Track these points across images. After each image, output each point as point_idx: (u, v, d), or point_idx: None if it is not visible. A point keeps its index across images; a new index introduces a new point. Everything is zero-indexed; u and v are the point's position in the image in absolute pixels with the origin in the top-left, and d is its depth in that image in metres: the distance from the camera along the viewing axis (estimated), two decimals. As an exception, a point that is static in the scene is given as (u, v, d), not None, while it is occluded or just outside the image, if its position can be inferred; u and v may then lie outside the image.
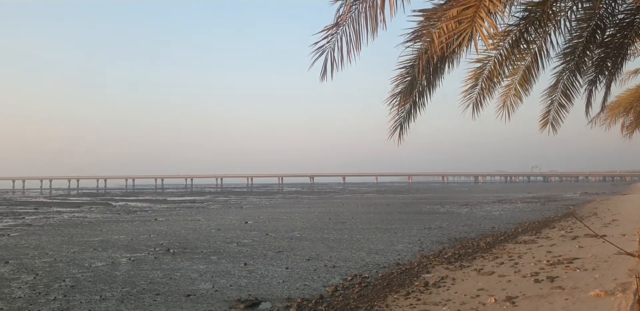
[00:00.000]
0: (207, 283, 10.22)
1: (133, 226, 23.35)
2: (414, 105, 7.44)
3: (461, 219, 24.74)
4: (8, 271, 11.67)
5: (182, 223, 24.44)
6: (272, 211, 32.60)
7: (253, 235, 18.76)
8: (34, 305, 8.47)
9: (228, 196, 62.67)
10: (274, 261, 12.83)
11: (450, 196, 58.84)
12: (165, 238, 18.07)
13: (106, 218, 28.36)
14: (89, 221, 26.57)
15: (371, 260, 12.74)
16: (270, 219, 25.88)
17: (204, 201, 49.52)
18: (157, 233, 19.81)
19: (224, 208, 37.29)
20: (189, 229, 21.49)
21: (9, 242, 17.41)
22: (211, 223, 24.53)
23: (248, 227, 22.03)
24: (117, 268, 12.06)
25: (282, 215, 29.10)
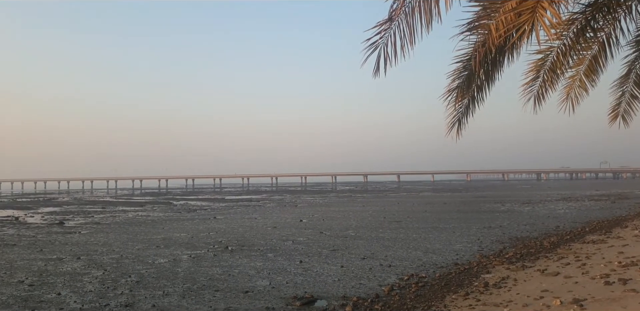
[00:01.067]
0: (264, 279, 10.39)
1: (193, 224, 24.16)
2: (472, 100, 7.22)
3: (523, 218, 23.80)
4: (80, 267, 12.38)
5: (240, 221, 25.01)
6: (326, 210, 32.73)
7: (308, 233, 18.90)
8: (103, 299, 8.93)
9: (283, 195, 63.56)
10: (329, 259, 12.86)
11: (511, 194, 56.76)
12: (224, 236, 18.56)
13: (168, 217, 29.51)
14: (152, 219, 27.74)
15: (428, 260, 12.50)
16: (325, 218, 25.99)
17: (260, 200, 50.51)
18: (216, 231, 20.39)
19: (279, 207, 37.84)
20: (246, 227, 21.96)
21: (80, 239, 18.48)
22: (267, 221, 24.95)
23: (303, 225, 22.23)
24: (179, 264, 12.50)
25: (336, 214, 29.14)
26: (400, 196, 54.46)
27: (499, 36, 5.11)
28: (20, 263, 13.07)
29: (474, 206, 34.97)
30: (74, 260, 13.52)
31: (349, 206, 36.57)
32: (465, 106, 7.29)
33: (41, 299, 8.99)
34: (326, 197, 55.42)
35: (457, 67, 6.90)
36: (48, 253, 14.86)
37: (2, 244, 17.35)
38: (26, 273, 11.64)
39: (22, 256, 14.45)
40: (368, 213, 29.52)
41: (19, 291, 9.63)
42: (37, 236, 19.87)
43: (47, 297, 9.13)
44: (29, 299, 9.00)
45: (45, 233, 20.80)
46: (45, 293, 9.43)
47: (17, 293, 9.47)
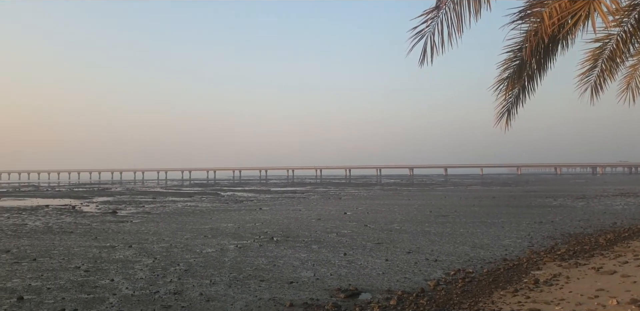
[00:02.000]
0: (308, 271, 10.45)
1: (240, 215, 24.64)
2: (522, 90, 6.94)
3: (576, 214, 22.82)
4: (132, 255, 12.87)
5: (285, 213, 25.29)
6: (371, 203, 32.57)
7: (352, 226, 18.87)
8: (153, 286, 9.25)
9: (327, 187, 63.78)
10: (373, 252, 12.79)
11: (564, 188, 54.58)
12: (269, 227, 18.82)
13: (215, 207, 30.24)
14: (200, 210, 28.50)
15: (475, 255, 12.20)
16: (369, 211, 25.87)
17: (304, 192, 50.89)
18: (261, 222, 20.71)
19: (323, 199, 37.99)
20: (291, 218, 22.18)
21: (132, 228, 19.22)
22: (311, 213, 25.10)
23: (347, 218, 22.21)
24: (225, 254, 12.77)
25: (381, 207, 28.95)
26: (447, 190, 53.45)
27: (552, 24, 4.85)
28: (76, 250, 13.74)
29: (524, 200, 33.85)
30: (126, 248, 14.07)
31: (394, 200, 36.24)
32: (515, 96, 7.02)
33: (96, 285, 9.40)
34: (371, 190, 55.16)
35: (508, 56, 6.64)
36: (102, 241, 15.55)
37: (60, 231, 18.30)
38: (82, 259, 12.22)
39: (79, 243, 15.18)
40: (414, 206, 29.15)
41: (75, 277, 10.13)
42: (92, 224, 20.83)
43: (101, 283, 9.54)
44: (84, 284, 9.44)
45: (100, 222, 21.78)
46: (100, 279, 9.86)
47: (74, 278, 9.96)
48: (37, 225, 20.53)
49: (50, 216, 24.78)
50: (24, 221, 22.53)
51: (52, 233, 17.90)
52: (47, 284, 9.48)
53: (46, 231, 18.30)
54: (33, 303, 8.17)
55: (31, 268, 11.17)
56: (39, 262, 11.89)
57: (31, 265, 11.49)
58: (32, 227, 19.85)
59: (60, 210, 28.98)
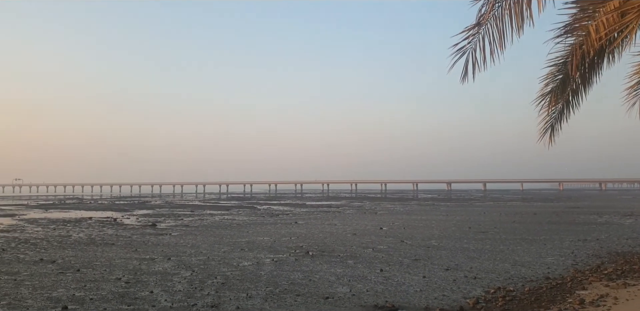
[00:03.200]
0: (344, 286, 10.36)
1: (276, 228, 24.76)
2: (566, 104, 6.76)
3: (624, 231, 21.81)
4: (170, 267, 13.10)
5: (320, 227, 25.24)
6: (407, 218, 32.11)
7: (388, 241, 18.63)
8: (191, 299, 9.37)
9: (362, 202, 63.36)
10: (411, 268, 12.57)
11: (610, 204, 52.31)
12: (305, 241, 18.81)
13: (252, 221, 30.49)
14: (237, 223, 28.80)
15: (516, 273, 11.80)
16: (406, 226, 25.50)
17: (339, 206, 50.71)
18: (297, 236, 20.73)
19: (358, 213, 37.74)
20: (327, 233, 22.10)
21: (170, 241, 19.60)
22: (347, 227, 24.95)
23: (383, 233, 21.96)
24: (262, 268, 12.82)
25: (418, 222, 28.49)
26: (486, 206, 52.16)
27: (599, 38, 4.73)
28: (117, 262, 14.09)
29: (567, 217, 32.63)
30: (165, 260, 14.34)
31: (432, 215, 35.63)
32: (559, 111, 6.84)
33: (136, 296, 9.60)
34: (407, 205, 54.44)
35: (551, 70, 6.50)
36: (142, 253, 15.90)
37: (102, 243, 18.85)
38: (123, 271, 12.52)
39: (120, 255, 15.58)
40: (452, 222, 28.56)
41: (116, 288, 10.38)
42: (133, 236, 21.36)
43: (141, 294, 9.74)
44: (125, 295, 9.66)
45: (140, 234, 22.31)
46: (139, 291, 10.07)
47: (115, 289, 10.21)
48: (81, 237, 21.22)
49: (93, 228, 25.57)
50: (68, 232, 23.33)
51: (94, 244, 18.45)
52: (90, 294, 9.75)
53: (89, 243, 18.88)
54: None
55: (75, 278, 11.52)
56: (83, 273, 12.25)
57: (75, 276, 11.86)
58: (76, 238, 20.52)
59: (103, 222, 29.88)
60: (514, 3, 5.12)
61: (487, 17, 5.38)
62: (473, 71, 5.71)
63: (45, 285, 10.81)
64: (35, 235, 22.10)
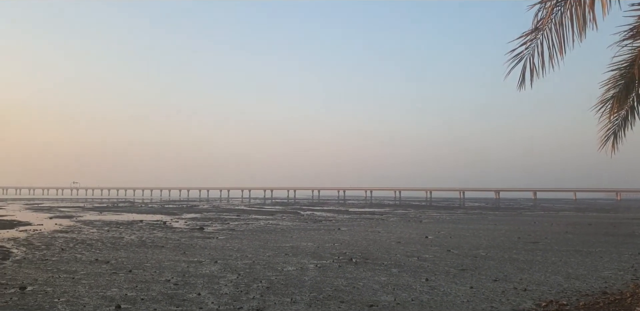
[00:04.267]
0: (388, 295, 10.24)
1: (319, 234, 24.81)
2: (630, 111, 6.44)
3: (689, 246, 20.45)
4: (217, 270, 13.37)
5: (363, 234, 25.09)
6: (453, 227, 31.40)
7: (434, 250, 18.28)
8: (237, 302, 9.52)
9: (407, 209, 62.50)
10: (457, 278, 12.28)
11: (673, 216, 49.22)
12: (348, 248, 18.75)
13: (295, 226, 30.69)
14: (281, 228, 29.07)
15: (570, 286, 11.30)
16: (452, 235, 24.95)
17: (383, 213, 50.22)
18: (340, 242, 20.69)
19: (402, 221, 37.24)
20: (370, 240, 21.94)
21: (217, 244, 20.01)
22: (391, 235, 24.68)
23: (428, 242, 21.57)
24: (306, 273, 12.87)
25: (465, 231, 27.81)
26: (536, 215, 50.28)
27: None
28: (167, 264, 14.52)
29: (626, 228, 30.96)
30: (211, 263, 14.65)
31: (479, 224, 34.69)
32: (622, 118, 6.52)
33: (184, 298, 9.86)
34: (453, 213, 53.25)
35: (613, 75, 6.22)
36: (190, 256, 16.32)
37: (152, 245, 19.47)
38: (172, 273, 12.89)
39: (169, 257, 16.05)
40: (500, 231, 27.70)
41: (166, 289, 10.69)
42: (181, 239, 21.95)
43: (189, 296, 9.99)
44: (174, 297, 9.94)
45: (188, 237, 22.90)
46: (187, 293, 10.33)
47: (165, 291, 10.52)
48: (132, 239, 22.01)
49: (144, 231, 26.47)
50: (121, 234, 24.27)
51: (145, 246, 19.09)
52: (141, 295, 10.09)
53: (140, 245, 19.55)
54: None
55: (127, 278, 11.96)
56: (134, 274, 12.70)
57: (127, 276, 12.31)
58: (128, 240, 21.31)
59: (153, 225, 30.89)
60: (575, 6, 4.93)
61: (546, 21, 5.21)
62: (531, 77, 5.55)
63: (100, 284, 11.28)
64: (91, 236, 23.12)
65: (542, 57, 5.39)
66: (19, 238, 21.98)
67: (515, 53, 5.46)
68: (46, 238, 22.04)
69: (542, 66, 5.41)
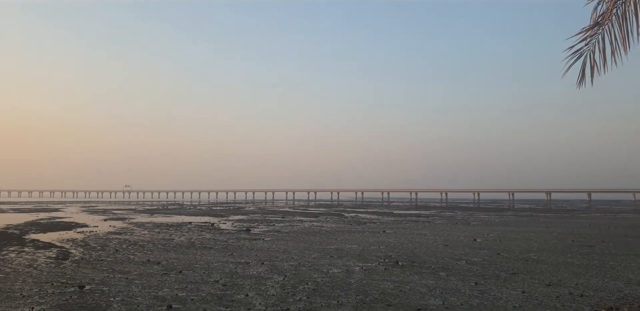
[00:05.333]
0: (436, 298, 10.05)
1: (363, 236, 24.67)
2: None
3: None
4: (264, 271, 13.54)
5: (409, 237, 24.76)
6: (503, 229, 30.48)
7: (483, 254, 17.80)
8: (284, 303, 9.59)
9: (454, 212, 61.22)
10: (508, 283, 11.89)
11: None
12: (394, 250, 18.54)
13: (340, 228, 30.66)
14: (325, 230, 29.11)
15: (631, 292, 10.72)
16: (501, 238, 24.22)
17: (429, 216, 49.40)
18: (385, 245, 20.49)
19: (450, 224, 36.49)
20: (416, 243, 21.62)
21: (263, 246, 20.26)
22: (437, 238, 24.23)
23: (477, 245, 21.02)
24: (351, 275, 12.83)
25: (515, 234, 26.93)
26: (592, 217, 48.07)
27: None
28: (215, 265, 14.83)
29: (691, 232, 29.07)
30: (258, 264, 14.85)
31: (530, 226, 33.51)
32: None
33: (232, 298, 10.03)
34: (502, 215, 51.71)
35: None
36: (237, 257, 16.60)
37: (201, 246, 19.95)
38: (220, 274, 13.15)
39: (217, 258, 16.39)
40: (552, 234, 26.65)
41: (215, 290, 10.91)
42: (229, 241, 22.37)
43: (237, 297, 10.15)
44: (222, 298, 10.13)
45: (235, 239, 23.31)
46: (236, 294, 10.50)
47: (214, 291, 10.74)
48: (182, 240, 22.63)
49: (193, 233, 27.16)
50: (171, 236, 25.00)
51: (194, 248, 19.58)
52: (191, 295, 10.34)
53: (189, 246, 20.07)
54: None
55: (177, 279, 12.30)
56: (184, 274, 13.04)
57: (177, 277, 12.66)
58: (178, 242, 21.92)
59: (201, 227, 31.66)
60: (641, -2, 4.69)
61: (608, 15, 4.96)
62: (592, 74, 5.29)
63: (152, 284, 11.65)
64: (143, 238, 23.94)
65: (603, 53, 5.13)
66: (77, 239, 23.05)
67: (574, 50, 5.22)
68: (101, 239, 23.00)
69: (604, 62, 5.14)
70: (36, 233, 26.47)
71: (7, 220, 39.11)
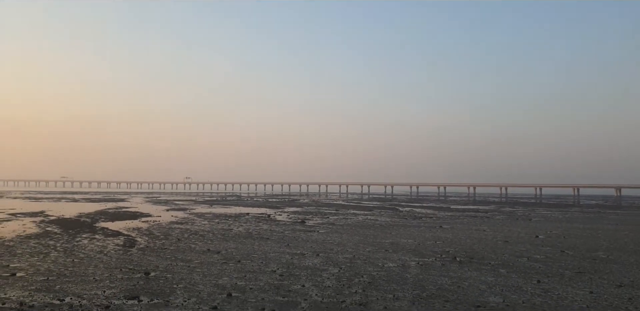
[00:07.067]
0: (496, 296, 9.76)
1: (419, 231, 24.34)
2: None
3: None
4: (319, 263, 13.66)
5: (467, 232, 24.16)
6: (567, 226, 29.10)
7: (545, 251, 17.08)
8: (339, 295, 9.64)
9: (514, 207, 59.10)
10: (573, 282, 11.35)
11: None
12: (451, 246, 18.17)
13: (394, 222, 30.40)
14: (380, 224, 28.95)
15: None
16: (565, 235, 23.14)
17: (487, 211, 47.97)
18: (442, 240, 20.12)
19: (510, 220, 35.27)
20: (474, 239, 21.07)
21: (318, 237, 20.44)
22: (497, 234, 23.49)
23: (539, 242, 20.20)
24: (407, 270, 12.69)
25: (580, 231, 25.65)
26: (666, 215, 44.92)
27: None
28: (272, 255, 15.12)
29: None
30: (314, 256, 15.00)
31: (598, 224, 31.79)
32: None
33: (289, 289, 10.20)
34: (567, 212, 49.37)
35: None
36: (293, 248, 16.85)
37: (258, 237, 20.40)
38: (277, 264, 13.40)
39: (274, 248, 16.71)
40: (623, 232, 25.16)
41: (272, 280, 11.14)
42: (284, 232, 22.74)
43: (294, 287, 10.31)
44: (280, 287, 10.32)
45: (291, 230, 23.67)
46: (292, 284, 10.67)
47: (271, 281, 10.96)
48: (240, 231, 23.24)
49: (250, 223, 27.83)
50: (229, 226, 25.74)
51: (252, 238, 20.06)
52: (250, 284, 10.61)
53: (247, 237, 20.59)
54: (239, 300, 9.22)
55: (236, 268, 12.65)
56: (243, 264, 13.40)
57: (236, 266, 13.02)
58: (236, 232, 22.53)
59: (258, 218, 32.38)
60: None
61: None
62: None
63: (213, 272, 12.05)
64: (203, 228, 24.80)
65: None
66: (142, 228, 24.22)
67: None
68: (164, 229, 24.04)
69: None
70: (105, 222, 28.06)
71: (80, 209, 41.72)
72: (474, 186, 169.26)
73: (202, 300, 9.22)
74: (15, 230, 22.40)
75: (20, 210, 38.19)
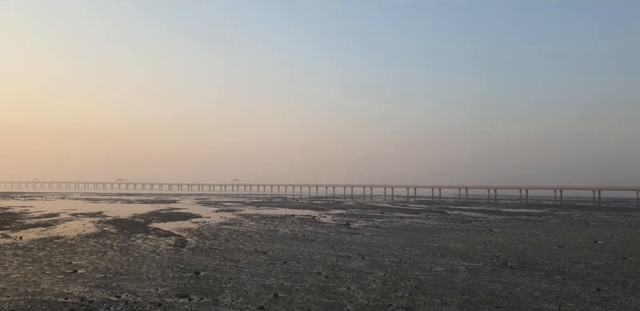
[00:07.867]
0: (551, 303, 9.34)
1: (468, 235, 23.71)
2: None
3: None
4: (365, 266, 13.56)
5: (519, 236, 23.33)
6: (630, 232, 27.54)
7: (606, 257, 16.23)
8: (385, 299, 9.52)
9: (570, 211, 56.59)
10: (637, 291, 10.71)
11: None
12: (502, 250, 17.59)
13: (442, 226, 29.77)
14: (427, 227, 28.43)
15: None
16: (628, 241, 21.90)
17: (541, 215, 46.14)
18: (492, 244, 19.51)
19: (565, 224, 33.78)
20: (527, 243, 20.31)
21: (363, 240, 20.30)
22: (551, 239, 22.55)
23: (598, 247, 19.22)
24: (455, 275, 12.38)
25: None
26: None
27: None
28: (317, 257, 15.15)
29: None
30: (359, 258, 14.90)
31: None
32: None
33: (335, 291, 10.17)
34: (629, 216, 46.74)
35: None
36: (338, 250, 16.81)
37: (304, 239, 20.50)
38: (322, 266, 13.40)
39: (319, 250, 16.73)
40: (689, 239, 23.54)
41: (317, 281, 11.15)
42: (329, 234, 22.74)
43: (339, 290, 10.27)
44: (325, 289, 10.31)
45: (335, 232, 23.64)
46: (338, 286, 10.64)
47: (317, 283, 10.97)
48: (286, 232, 23.44)
49: (296, 225, 28.03)
50: (276, 227, 26.02)
51: (297, 239, 20.19)
52: (296, 285, 10.66)
53: (293, 238, 20.73)
54: (285, 300, 9.28)
55: (283, 269, 12.75)
56: (289, 265, 13.49)
57: (282, 267, 13.13)
58: (282, 233, 22.74)
59: (303, 220, 32.56)
60: None
61: None
62: None
63: (260, 273, 12.20)
64: (250, 229, 25.19)
65: None
66: (192, 229, 24.88)
67: None
68: (213, 229, 24.59)
69: None
70: (157, 222, 29.04)
71: (134, 210, 43.41)
72: (526, 189, 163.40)
73: (249, 299, 9.34)
74: (77, 229, 23.58)
75: (80, 211, 40.21)
